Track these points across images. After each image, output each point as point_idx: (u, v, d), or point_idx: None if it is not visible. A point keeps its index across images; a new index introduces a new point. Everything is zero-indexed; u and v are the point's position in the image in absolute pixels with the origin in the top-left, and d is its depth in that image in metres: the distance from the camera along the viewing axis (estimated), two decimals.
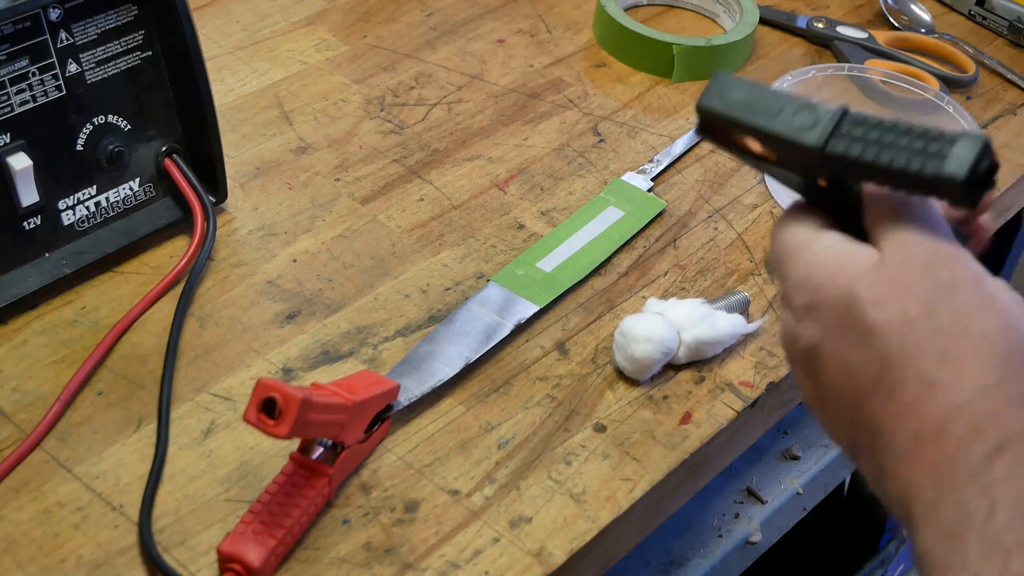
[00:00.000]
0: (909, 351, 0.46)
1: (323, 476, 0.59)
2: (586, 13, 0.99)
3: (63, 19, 0.67)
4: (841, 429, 0.50)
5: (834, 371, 0.49)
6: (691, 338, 0.69)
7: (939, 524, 0.44)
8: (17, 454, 0.62)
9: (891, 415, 0.46)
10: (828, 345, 0.49)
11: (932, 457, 0.45)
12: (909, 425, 0.46)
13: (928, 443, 0.45)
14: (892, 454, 0.47)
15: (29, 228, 0.69)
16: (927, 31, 1.01)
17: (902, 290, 0.47)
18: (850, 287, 0.48)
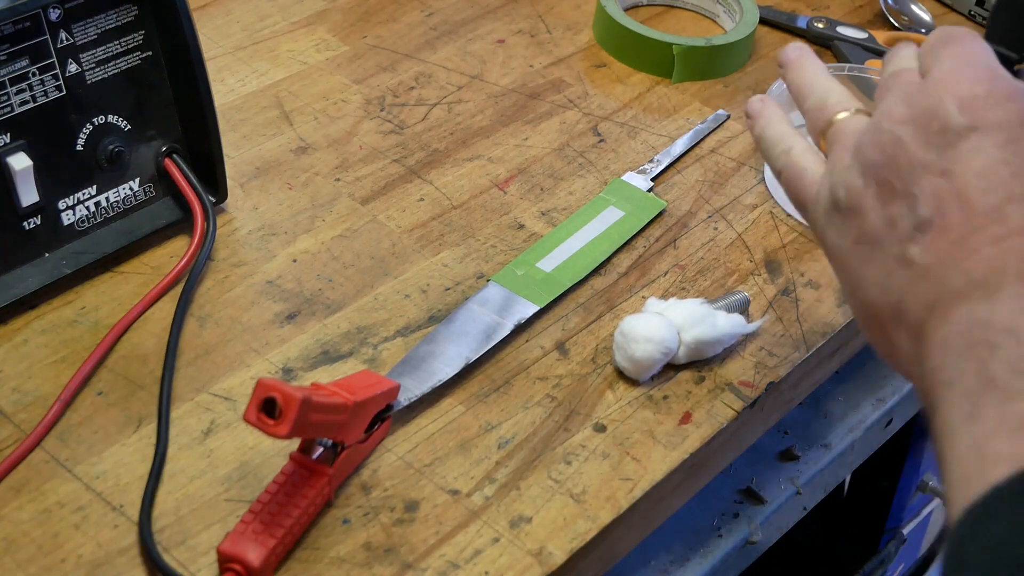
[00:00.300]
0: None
1: (323, 476, 0.60)
2: (586, 13, 1.00)
3: (63, 19, 0.67)
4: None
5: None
6: (691, 338, 0.69)
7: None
8: (17, 454, 0.62)
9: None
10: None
11: None
12: None
13: None
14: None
15: (29, 228, 0.69)
16: (927, 31, 1.01)
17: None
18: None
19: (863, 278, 0.54)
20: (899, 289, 0.51)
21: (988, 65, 0.52)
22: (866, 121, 0.55)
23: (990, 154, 0.49)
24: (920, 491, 1.18)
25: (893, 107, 0.53)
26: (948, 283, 0.49)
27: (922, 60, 0.56)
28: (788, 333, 0.73)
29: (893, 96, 0.54)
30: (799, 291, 0.76)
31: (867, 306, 0.54)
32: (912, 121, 0.52)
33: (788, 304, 0.75)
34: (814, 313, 0.75)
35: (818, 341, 0.73)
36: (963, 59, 0.53)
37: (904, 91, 0.53)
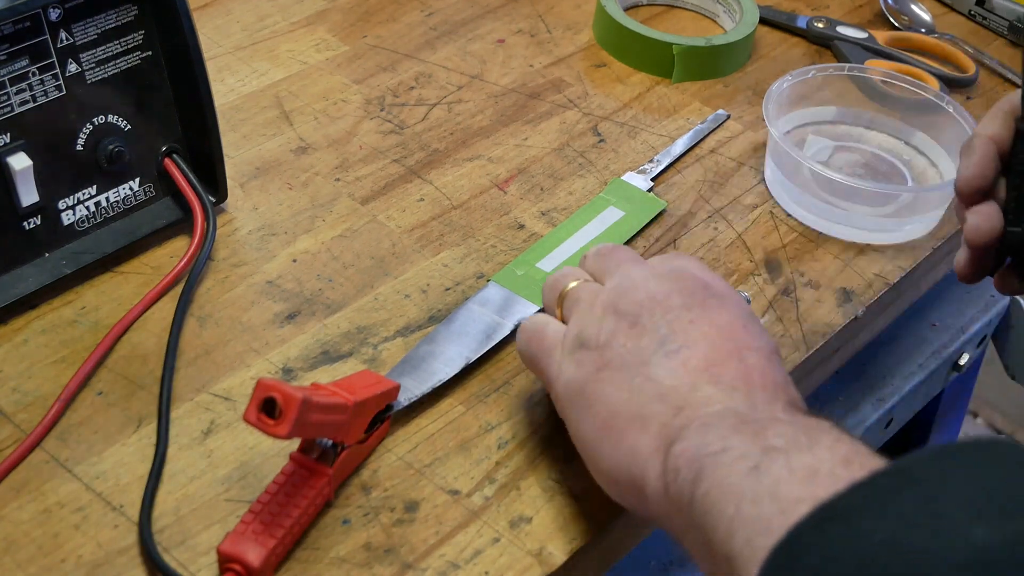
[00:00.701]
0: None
1: (323, 476, 0.59)
2: (586, 13, 0.99)
3: (63, 19, 0.67)
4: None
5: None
6: None
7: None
8: (17, 454, 0.62)
9: None
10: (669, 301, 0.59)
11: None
12: None
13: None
14: None
15: (29, 228, 0.69)
16: (927, 31, 1.01)
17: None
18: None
19: (602, 396, 0.57)
20: (643, 398, 0.55)
21: (715, 273, 0.62)
22: (597, 286, 0.62)
23: (730, 316, 0.57)
24: None
25: (644, 278, 0.60)
26: (695, 393, 0.54)
27: (653, 263, 0.63)
28: (788, 333, 0.73)
29: (643, 270, 0.61)
30: (799, 291, 0.76)
31: (605, 420, 0.56)
32: (664, 284, 0.59)
33: (788, 304, 0.75)
34: (814, 313, 0.75)
35: (818, 341, 0.73)
36: (694, 264, 0.62)
37: (651, 269, 0.61)
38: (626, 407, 0.55)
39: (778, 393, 0.54)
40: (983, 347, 1.02)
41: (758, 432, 0.50)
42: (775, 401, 0.53)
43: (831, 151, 0.87)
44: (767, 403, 0.53)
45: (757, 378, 0.55)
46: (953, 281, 0.98)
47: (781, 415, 0.52)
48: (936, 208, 0.81)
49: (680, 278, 0.59)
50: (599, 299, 0.60)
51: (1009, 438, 0.85)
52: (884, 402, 0.88)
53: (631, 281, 0.60)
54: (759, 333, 0.58)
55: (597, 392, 0.57)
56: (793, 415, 0.52)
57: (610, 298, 0.59)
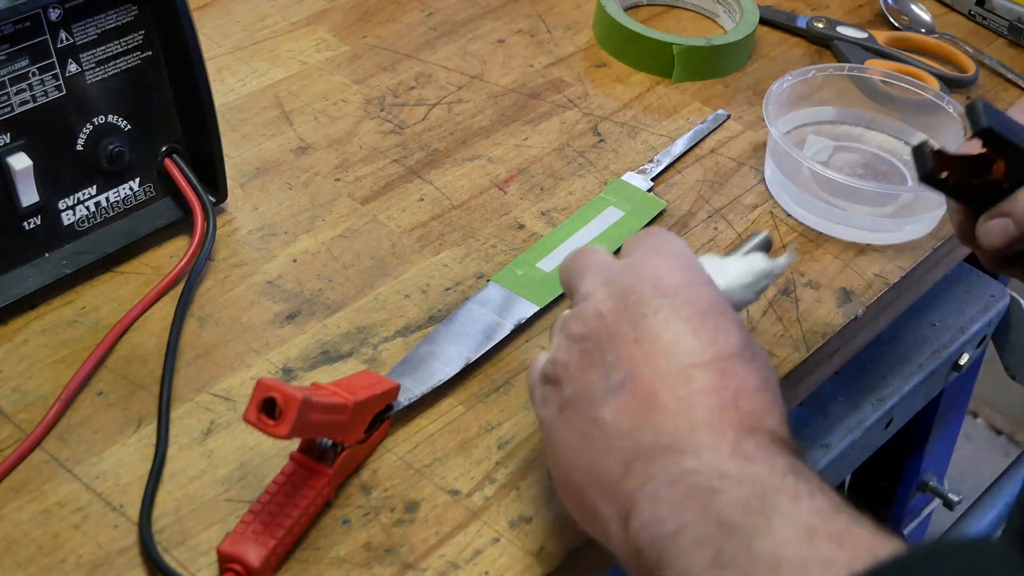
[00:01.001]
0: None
1: (323, 476, 0.59)
2: (586, 13, 0.99)
3: (63, 19, 0.67)
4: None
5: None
6: None
7: None
8: (17, 454, 0.62)
9: None
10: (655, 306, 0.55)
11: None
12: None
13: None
14: None
15: (29, 228, 0.69)
16: (927, 31, 1.01)
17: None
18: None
19: (561, 444, 0.54)
20: (594, 451, 0.52)
21: (684, 254, 0.56)
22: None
23: (677, 326, 0.53)
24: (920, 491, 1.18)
25: (595, 287, 0.56)
26: (640, 440, 0.51)
27: (624, 249, 0.59)
28: (788, 333, 0.73)
29: (593, 276, 0.57)
30: (799, 291, 0.76)
31: (566, 472, 0.54)
32: (612, 297, 0.55)
33: (788, 304, 0.75)
34: (814, 313, 0.75)
35: (818, 341, 0.73)
36: (662, 246, 0.57)
37: (605, 271, 0.57)
38: (580, 462, 0.53)
39: (724, 424, 0.50)
40: (983, 347, 1.02)
41: (709, 501, 0.47)
42: (721, 440, 0.49)
43: (831, 151, 0.87)
44: (713, 446, 0.49)
45: (700, 408, 0.51)
46: (953, 281, 0.98)
47: (728, 464, 0.48)
48: (936, 208, 0.81)
49: (631, 281, 0.55)
50: (563, 321, 0.57)
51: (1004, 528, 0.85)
52: (884, 402, 0.88)
53: (584, 295, 0.57)
54: (711, 337, 0.53)
55: (558, 439, 0.54)
56: (742, 463, 0.48)
57: (568, 320, 0.56)
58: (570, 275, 0.59)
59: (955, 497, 1.16)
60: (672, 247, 0.57)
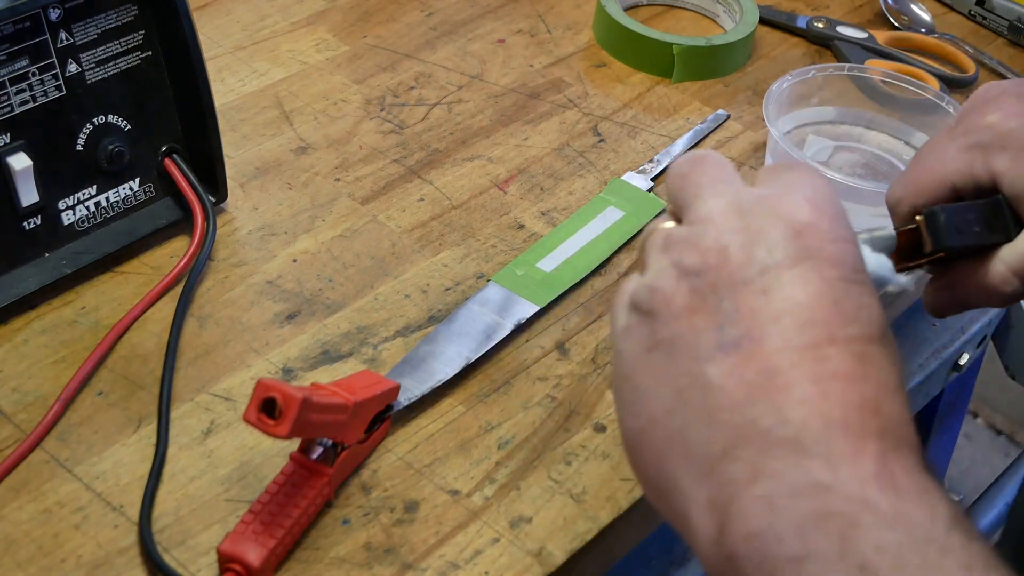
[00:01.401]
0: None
1: (323, 476, 0.59)
2: (586, 13, 0.99)
3: (63, 19, 0.67)
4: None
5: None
6: None
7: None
8: (17, 454, 0.62)
9: None
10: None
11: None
12: None
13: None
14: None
15: (29, 228, 0.69)
16: (927, 31, 1.01)
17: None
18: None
19: (644, 392, 0.46)
20: (689, 413, 0.44)
21: (832, 200, 0.47)
22: (674, 226, 0.49)
23: (817, 287, 0.44)
24: None
25: (721, 211, 0.47)
26: (756, 420, 0.42)
27: (759, 178, 0.50)
28: None
29: (719, 196, 0.47)
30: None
31: (644, 427, 0.46)
32: (742, 231, 0.46)
33: None
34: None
35: None
36: (806, 185, 0.47)
37: (734, 194, 0.47)
38: (667, 419, 0.44)
39: (866, 430, 0.41)
40: (983, 347, 1.01)
41: (848, 536, 0.39)
42: (862, 454, 0.41)
43: (831, 151, 0.87)
44: (852, 459, 0.41)
45: (836, 401, 0.42)
46: None
47: (873, 491, 0.40)
48: None
49: (767, 218, 0.45)
50: (670, 241, 0.47)
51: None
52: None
53: (704, 219, 0.47)
54: (855, 311, 0.44)
55: (640, 384, 0.46)
56: (892, 495, 0.40)
57: (678, 243, 0.47)
58: (685, 184, 0.49)
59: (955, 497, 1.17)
60: (819, 189, 0.47)
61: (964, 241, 0.59)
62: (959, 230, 0.58)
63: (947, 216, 0.58)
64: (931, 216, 0.59)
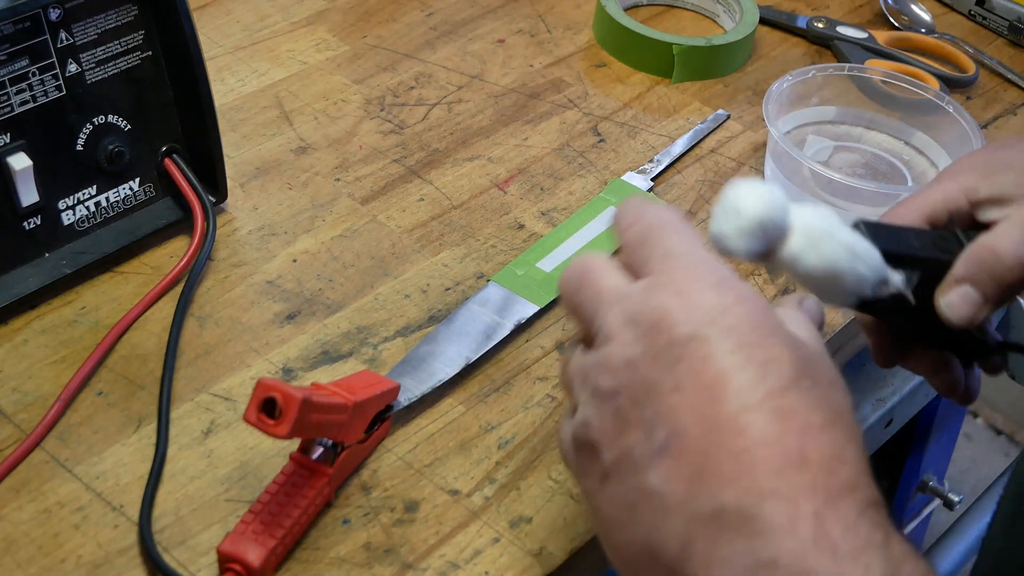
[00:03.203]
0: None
1: (323, 476, 0.60)
2: (586, 13, 0.99)
3: (63, 19, 0.67)
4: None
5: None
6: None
7: None
8: (17, 454, 0.62)
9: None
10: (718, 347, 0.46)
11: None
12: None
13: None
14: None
15: (29, 228, 0.69)
16: (927, 31, 1.01)
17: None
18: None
19: (610, 520, 0.47)
20: (647, 524, 0.45)
21: (707, 264, 0.48)
22: (586, 354, 0.50)
23: (722, 361, 0.45)
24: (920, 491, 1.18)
25: (616, 326, 0.47)
26: (698, 511, 0.43)
27: (630, 255, 0.50)
28: None
29: (610, 308, 0.48)
30: (799, 291, 0.76)
31: (619, 551, 0.47)
32: (641, 339, 0.46)
33: None
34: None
35: None
36: (680, 260, 0.48)
37: (623, 302, 0.48)
38: (633, 537, 0.46)
39: (797, 491, 0.42)
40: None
41: None
42: (798, 519, 0.42)
43: (831, 151, 0.87)
44: (789, 527, 0.42)
45: (763, 469, 0.43)
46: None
47: (814, 559, 0.41)
48: None
49: (657, 313, 0.47)
50: (584, 371, 0.49)
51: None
52: (884, 402, 0.88)
53: (605, 336, 0.48)
54: (762, 368, 0.45)
55: (605, 514, 0.48)
56: (830, 559, 0.41)
57: (591, 370, 0.48)
58: (579, 303, 0.51)
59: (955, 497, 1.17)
60: (689, 254, 0.49)
61: (901, 247, 0.57)
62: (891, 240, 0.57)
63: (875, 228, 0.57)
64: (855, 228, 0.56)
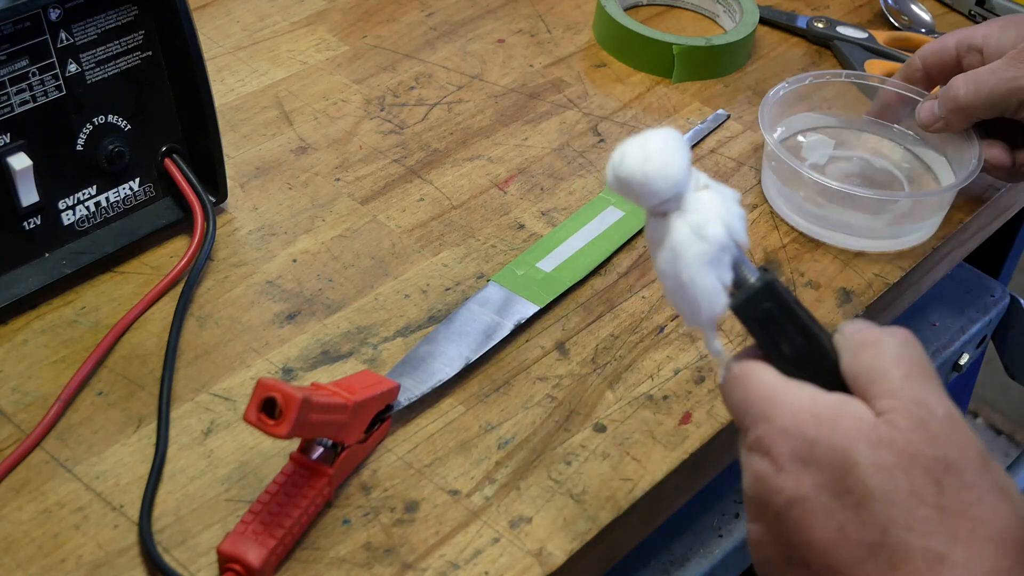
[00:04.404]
0: (915, 524, 0.45)
1: (323, 476, 0.60)
2: (586, 13, 0.99)
3: (63, 19, 0.67)
4: None
5: (823, 532, 0.46)
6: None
7: None
8: (17, 454, 0.62)
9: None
10: (818, 503, 0.46)
11: None
12: None
13: None
14: None
15: (29, 228, 0.69)
16: (927, 31, 1.01)
17: (907, 460, 0.45)
18: (848, 446, 0.46)
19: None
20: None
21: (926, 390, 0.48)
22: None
23: (912, 515, 0.45)
24: None
25: (797, 477, 0.48)
26: None
27: (854, 372, 0.50)
28: None
29: (787, 446, 0.48)
30: (799, 291, 0.76)
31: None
32: (824, 491, 0.47)
33: None
34: (814, 313, 0.75)
35: None
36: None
37: (798, 444, 0.48)
38: None
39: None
40: (983, 347, 1.01)
41: None
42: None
43: (828, 158, 0.87)
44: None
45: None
46: (953, 281, 0.98)
47: None
48: (935, 214, 0.81)
49: (834, 446, 0.47)
50: (769, 503, 0.49)
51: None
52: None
53: (787, 482, 0.48)
54: (955, 521, 0.45)
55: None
56: None
57: (779, 513, 0.48)
58: (753, 424, 0.50)
59: None
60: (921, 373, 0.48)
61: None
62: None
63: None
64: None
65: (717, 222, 0.51)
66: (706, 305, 0.51)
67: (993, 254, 1.12)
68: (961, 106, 0.77)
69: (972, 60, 0.79)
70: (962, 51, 0.80)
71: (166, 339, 0.68)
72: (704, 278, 0.51)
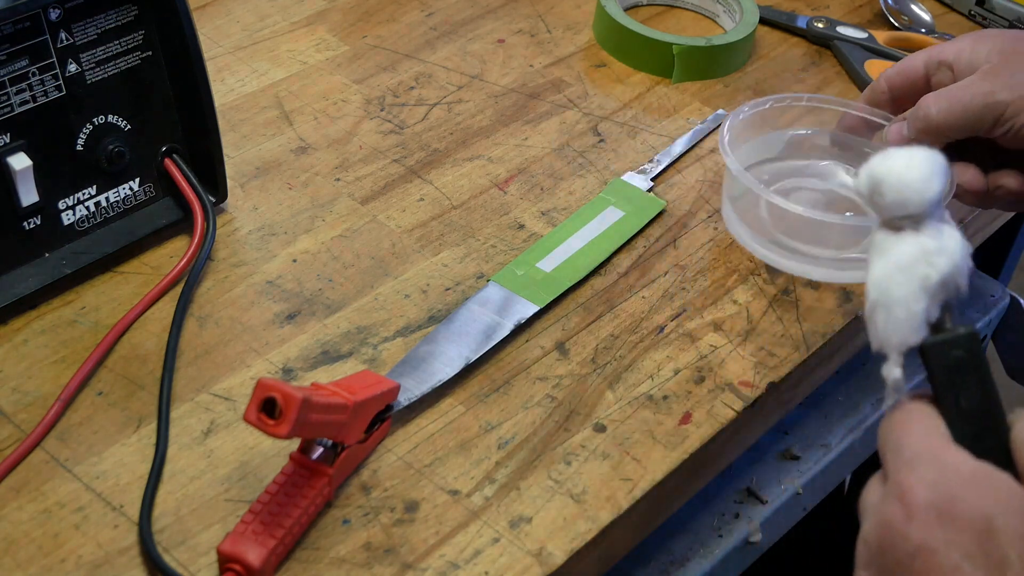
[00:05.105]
0: None
1: (323, 476, 0.60)
2: (586, 13, 0.99)
3: (63, 19, 0.67)
4: None
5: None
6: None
7: None
8: (17, 454, 0.62)
9: None
10: (947, 559, 0.46)
11: None
12: None
13: None
14: None
15: (29, 228, 0.69)
16: (927, 31, 1.01)
17: None
18: (991, 511, 0.46)
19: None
20: None
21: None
22: None
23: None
24: None
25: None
26: None
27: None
28: (788, 333, 0.73)
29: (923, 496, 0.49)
30: (799, 291, 0.76)
31: None
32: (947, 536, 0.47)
33: (788, 304, 0.75)
34: (814, 313, 0.75)
35: (818, 341, 0.73)
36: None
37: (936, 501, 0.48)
38: None
39: None
40: (983, 347, 1.01)
41: None
42: None
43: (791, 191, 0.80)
44: None
45: None
46: None
47: None
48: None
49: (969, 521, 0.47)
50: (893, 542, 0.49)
51: None
52: (884, 402, 0.88)
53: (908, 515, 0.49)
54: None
55: None
56: None
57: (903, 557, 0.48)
58: (891, 448, 0.51)
59: None
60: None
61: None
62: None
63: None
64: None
65: (950, 258, 0.51)
66: (907, 329, 0.51)
67: (993, 254, 1.12)
68: (933, 125, 0.71)
69: (943, 77, 0.74)
70: (931, 69, 0.75)
71: (166, 339, 0.68)
72: (916, 303, 0.51)
